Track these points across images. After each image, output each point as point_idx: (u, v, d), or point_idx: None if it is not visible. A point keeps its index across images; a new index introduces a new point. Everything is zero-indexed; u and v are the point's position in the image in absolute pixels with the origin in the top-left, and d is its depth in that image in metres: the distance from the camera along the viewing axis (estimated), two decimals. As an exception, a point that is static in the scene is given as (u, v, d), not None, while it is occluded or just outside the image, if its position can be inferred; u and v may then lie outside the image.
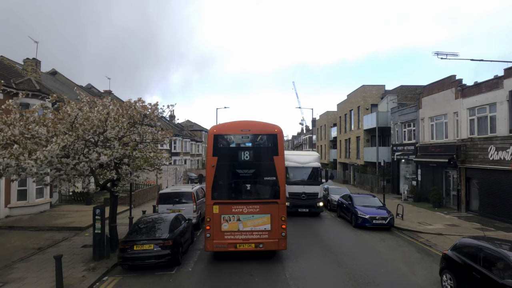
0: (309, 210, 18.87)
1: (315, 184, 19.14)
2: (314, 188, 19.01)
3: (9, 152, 9.06)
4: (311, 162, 19.70)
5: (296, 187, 18.80)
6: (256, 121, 11.83)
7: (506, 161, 16.69)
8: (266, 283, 9.28)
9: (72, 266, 10.37)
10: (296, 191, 18.79)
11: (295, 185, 18.80)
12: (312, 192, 18.92)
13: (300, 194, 18.81)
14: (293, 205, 18.51)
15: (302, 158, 19.98)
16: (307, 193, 18.87)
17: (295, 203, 18.67)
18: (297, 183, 18.97)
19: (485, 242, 8.16)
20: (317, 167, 19.56)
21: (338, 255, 11.80)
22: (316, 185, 19.13)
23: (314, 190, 18.99)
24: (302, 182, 19.03)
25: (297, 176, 19.30)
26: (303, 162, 19.49)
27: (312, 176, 19.40)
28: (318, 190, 19.18)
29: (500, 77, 17.40)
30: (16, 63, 23.26)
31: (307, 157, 20.33)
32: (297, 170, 19.25)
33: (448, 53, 19.72)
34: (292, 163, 19.16)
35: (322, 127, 57.10)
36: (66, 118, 10.21)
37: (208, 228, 10.74)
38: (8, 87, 17.30)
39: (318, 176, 19.45)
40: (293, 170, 19.20)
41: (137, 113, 11.66)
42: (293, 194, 18.74)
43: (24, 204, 18.42)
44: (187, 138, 55.22)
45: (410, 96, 32.75)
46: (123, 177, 11.68)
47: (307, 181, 19.18)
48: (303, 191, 18.78)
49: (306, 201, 18.85)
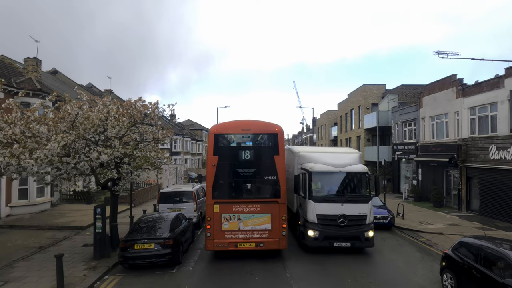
0: (351, 245, 11.63)
1: (360, 201, 11.85)
2: (359, 207, 11.74)
3: (9, 151, 9.07)
4: (352, 165, 12.38)
5: (328, 207, 11.63)
6: (256, 121, 11.83)
7: (507, 161, 16.67)
8: (267, 283, 9.29)
9: (73, 265, 10.39)
10: (328, 212, 11.60)
11: (326, 202, 11.68)
12: (357, 214, 11.68)
13: (336, 217, 11.50)
14: (324, 236, 11.49)
15: (336, 158, 12.83)
16: (349, 216, 11.55)
17: (328, 232, 11.50)
18: (331, 199, 11.78)
19: (486, 241, 8.16)
20: (363, 172, 12.19)
21: (338, 255, 11.79)
22: (363, 202, 11.87)
23: (359, 211, 11.70)
24: (339, 198, 11.81)
25: (330, 187, 12.16)
26: (339, 164, 12.21)
27: (355, 187, 12.25)
28: (367, 211, 11.81)
29: (501, 76, 17.38)
30: (16, 62, 23.28)
31: (344, 156, 13.03)
32: (329, 178, 12.13)
33: (448, 52, 19.76)
34: (319, 166, 12.04)
35: (323, 126, 57.09)
36: (67, 117, 10.23)
37: (209, 227, 10.75)
38: (9, 86, 17.31)
39: (364, 187, 12.20)
40: (322, 177, 12.07)
41: (137, 112, 11.68)
42: (324, 217, 11.60)
43: (25, 203, 18.44)
44: (188, 137, 55.24)
45: (411, 96, 32.70)
46: (124, 176, 11.69)
47: (348, 196, 11.96)
48: (341, 212, 11.52)
49: (347, 229, 11.55)
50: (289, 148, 15.56)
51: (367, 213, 11.81)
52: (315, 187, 12.00)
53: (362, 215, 11.75)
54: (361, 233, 11.63)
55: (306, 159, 12.83)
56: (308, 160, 12.58)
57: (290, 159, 14.40)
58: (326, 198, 11.83)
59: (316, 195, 11.84)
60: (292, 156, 14.23)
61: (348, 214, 11.59)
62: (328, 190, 12.17)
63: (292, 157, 14.28)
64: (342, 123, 44.32)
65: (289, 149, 15.15)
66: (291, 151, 14.64)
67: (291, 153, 14.50)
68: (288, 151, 14.89)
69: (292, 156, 14.30)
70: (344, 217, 11.56)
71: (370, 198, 12.13)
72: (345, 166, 12.19)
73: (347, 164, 12.33)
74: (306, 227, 11.78)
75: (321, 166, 12.06)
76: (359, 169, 12.24)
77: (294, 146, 16.35)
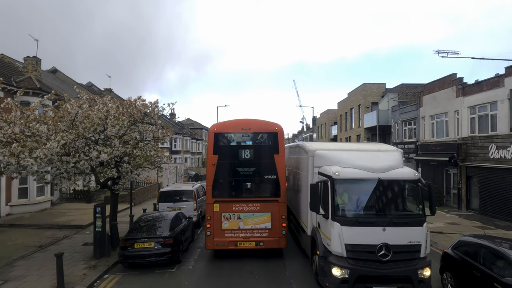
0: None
1: (411, 223, 8.13)
2: (410, 233, 8.01)
3: (9, 150, 9.07)
4: (396, 168, 8.69)
5: (362, 232, 7.97)
6: (256, 120, 11.82)
7: (506, 160, 16.68)
8: (267, 282, 9.30)
9: (73, 264, 10.39)
10: (363, 241, 7.93)
11: (360, 225, 7.99)
12: (407, 243, 7.94)
13: (375, 249, 7.84)
14: (357, 277, 7.80)
15: (372, 158, 9.00)
16: (394, 247, 7.87)
17: (363, 271, 7.81)
18: (366, 220, 8.08)
19: (486, 240, 8.16)
20: (413, 179, 8.52)
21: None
22: (415, 225, 8.09)
23: (410, 238, 7.99)
24: (380, 219, 8.08)
25: (365, 203, 8.50)
26: (377, 168, 8.45)
27: (402, 202, 8.64)
28: (421, 237, 8.02)
29: (501, 75, 17.37)
30: (16, 61, 23.25)
31: (381, 156, 9.21)
32: (363, 189, 8.48)
33: (448, 52, 19.74)
34: (348, 171, 8.42)
35: (323, 125, 57.09)
36: (66, 116, 10.23)
37: (209, 226, 10.75)
38: (9, 85, 17.31)
39: (416, 202, 8.48)
40: (352, 187, 8.47)
41: (137, 111, 11.67)
42: (357, 248, 7.93)
43: (25, 202, 18.46)
44: (188, 136, 55.24)
45: (411, 95, 32.69)
46: (124, 175, 11.69)
47: (393, 215, 8.26)
48: (383, 241, 7.85)
49: (392, 266, 7.86)
50: (299, 145, 12.01)
51: (421, 241, 7.87)
52: (342, 202, 8.26)
53: (414, 244, 7.85)
54: (413, 272, 7.76)
55: (326, 160, 9.10)
56: (329, 162, 8.91)
57: (301, 159, 11.22)
58: (359, 219, 7.99)
59: (344, 214, 8.09)
60: (304, 155, 10.67)
61: (393, 243, 7.74)
62: (362, 207, 8.37)
63: (303, 157, 10.84)
64: (342, 122, 44.32)
65: (298, 147, 11.95)
66: (303, 149, 10.96)
67: (302, 152, 11.01)
68: (297, 149, 12.04)
69: (303, 156, 10.85)
70: (387, 248, 7.72)
71: (424, 219, 8.13)
72: (385, 170, 8.34)
73: (388, 167, 8.48)
74: (329, 261, 8.00)
75: (351, 171, 8.31)
76: (408, 175, 8.47)
77: (307, 142, 11.87)
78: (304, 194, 10.58)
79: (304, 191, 10.64)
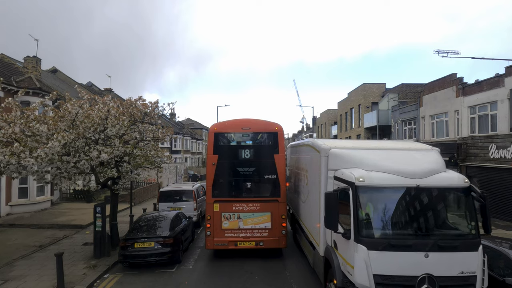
0: None
1: (462, 247, 5.98)
2: (461, 260, 5.90)
3: (9, 150, 9.07)
4: (439, 172, 6.57)
5: (397, 259, 5.85)
6: (256, 119, 11.83)
7: (506, 160, 16.68)
8: (267, 281, 9.30)
9: (73, 264, 10.40)
10: (399, 271, 5.83)
11: (393, 249, 5.90)
12: (458, 274, 5.85)
13: (415, 281, 5.76)
14: None
15: (405, 159, 6.94)
16: (441, 279, 5.77)
17: None
18: (402, 243, 5.96)
19: (485, 240, 8.15)
20: (463, 186, 6.36)
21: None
22: (467, 249, 5.96)
23: (462, 267, 5.86)
24: (420, 241, 6.03)
25: (399, 218, 6.38)
26: (414, 172, 6.35)
27: (447, 217, 6.51)
28: (475, 266, 5.89)
29: (501, 75, 17.38)
30: (16, 61, 23.27)
31: (417, 156, 7.13)
32: (396, 200, 6.33)
33: (449, 51, 19.74)
34: (376, 176, 6.36)
35: (323, 125, 57.09)
36: (67, 116, 10.24)
37: (209, 226, 10.76)
38: (9, 85, 17.31)
39: (467, 218, 6.37)
40: (382, 198, 6.40)
41: (137, 111, 11.68)
42: (391, 280, 5.83)
43: (25, 202, 18.46)
44: (188, 136, 55.27)
45: (411, 95, 32.69)
46: (124, 175, 11.70)
47: (437, 236, 6.12)
48: (425, 271, 5.77)
49: None
50: (309, 142, 9.80)
51: (476, 271, 5.89)
52: (368, 218, 6.29)
53: (468, 275, 5.86)
54: None
55: (344, 161, 7.10)
56: (348, 163, 6.92)
57: (310, 160, 9.36)
58: (393, 241, 5.97)
59: (371, 234, 6.09)
60: (314, 155, 8.68)
61: (439, 274, 5.78)
62: (395, 225, 6.33)
63: (313, 158, 8.80)
64: (342, 122, 44.32)
65: (307, 144, 9.94)
66: (313, 147, 8.93)
67: (312, 151, 9.03)
68: (306, 148, 10.16)
69: (313, 156, 8.85)
70: (431, 281, 5.75)
71: (479, 241, 6.10)
72: (425, 175, 6.29)
73: (429, 171, 6.40)
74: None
75: (380, 176, 6.28)
76: (456, 182, 6.38)
77: (319, 139, 9.83)
78: (314, 202, 8.65)
79: (313, 199, 8.73)
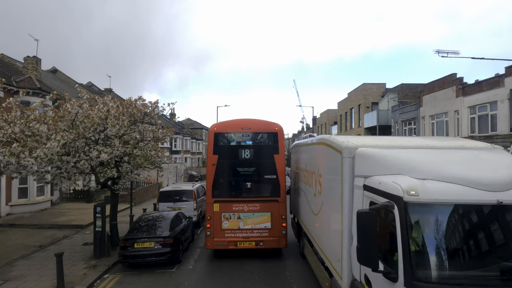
0: None
1: None
2: None
3: (9, 150, 9.07)
4: None
5: None
6: (256, 119, 11.83)
7: (506, 160, 16.69)
8: (267, 281, 9.29)
9: (73, 264, 10.39)
10: None
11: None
12: None
13: None
14: None
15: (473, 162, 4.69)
16: None
17: None
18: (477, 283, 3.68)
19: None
20: None
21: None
22: None
23: None
24: (502, 284, 3.71)
25: (474, 251, 4.04)
26: (491, 181, 4.01)
27: None
28: None
29: (501, 75, 17.39)
30: (16, 61, 23.27)
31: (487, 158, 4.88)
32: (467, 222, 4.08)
33: (449, 51, 19.74)
34: (437, 188, 4.04)
35: (323, 125, 57.09)
36: (67, 116, 10.24)
37: (209, 226, 10.76)
38: (9, 85, 17.31)
39: None
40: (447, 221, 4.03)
41: (137, 111, 11.68)
42: None
43: (25, 202, 18.46)
44: (188, 136, 55.25)
45: (411, 95, 32.68)
46: (124, 175, 11.69)
47: None
48: None
49: None
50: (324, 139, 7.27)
51: None
52: (424, 250, 4.08)
53: None
54: None
55: (381, 164, 5.02)
56: (387, 168, 4.85)
57: (326, 163, 7.14)
58: (463, 283, 3.81)
59: (431, 275, 3.92)
60: (332, 156, 6.46)
61: None
62: (467, 262, 4.09)
63: (331, 159, 6.58)
64: (342, 122, 44.32)
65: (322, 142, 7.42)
66: (330, 146, 6.66)
67: (329, 150, 6.74)
68: (320, 147, 7.72)
69: (330, 157, 6.60)
70: None
71: None
72: (509, 185, 4.10)
73: (510, 178, 4.22)
74: None
75: (442, 187, 4.16)
76: None
77: (339, 136, 8.20)
78: (332, 218, 6.53)
79: (330, 213, 6.66)
